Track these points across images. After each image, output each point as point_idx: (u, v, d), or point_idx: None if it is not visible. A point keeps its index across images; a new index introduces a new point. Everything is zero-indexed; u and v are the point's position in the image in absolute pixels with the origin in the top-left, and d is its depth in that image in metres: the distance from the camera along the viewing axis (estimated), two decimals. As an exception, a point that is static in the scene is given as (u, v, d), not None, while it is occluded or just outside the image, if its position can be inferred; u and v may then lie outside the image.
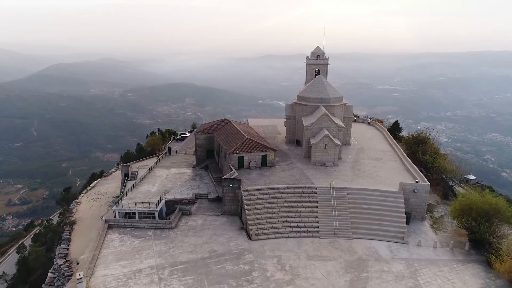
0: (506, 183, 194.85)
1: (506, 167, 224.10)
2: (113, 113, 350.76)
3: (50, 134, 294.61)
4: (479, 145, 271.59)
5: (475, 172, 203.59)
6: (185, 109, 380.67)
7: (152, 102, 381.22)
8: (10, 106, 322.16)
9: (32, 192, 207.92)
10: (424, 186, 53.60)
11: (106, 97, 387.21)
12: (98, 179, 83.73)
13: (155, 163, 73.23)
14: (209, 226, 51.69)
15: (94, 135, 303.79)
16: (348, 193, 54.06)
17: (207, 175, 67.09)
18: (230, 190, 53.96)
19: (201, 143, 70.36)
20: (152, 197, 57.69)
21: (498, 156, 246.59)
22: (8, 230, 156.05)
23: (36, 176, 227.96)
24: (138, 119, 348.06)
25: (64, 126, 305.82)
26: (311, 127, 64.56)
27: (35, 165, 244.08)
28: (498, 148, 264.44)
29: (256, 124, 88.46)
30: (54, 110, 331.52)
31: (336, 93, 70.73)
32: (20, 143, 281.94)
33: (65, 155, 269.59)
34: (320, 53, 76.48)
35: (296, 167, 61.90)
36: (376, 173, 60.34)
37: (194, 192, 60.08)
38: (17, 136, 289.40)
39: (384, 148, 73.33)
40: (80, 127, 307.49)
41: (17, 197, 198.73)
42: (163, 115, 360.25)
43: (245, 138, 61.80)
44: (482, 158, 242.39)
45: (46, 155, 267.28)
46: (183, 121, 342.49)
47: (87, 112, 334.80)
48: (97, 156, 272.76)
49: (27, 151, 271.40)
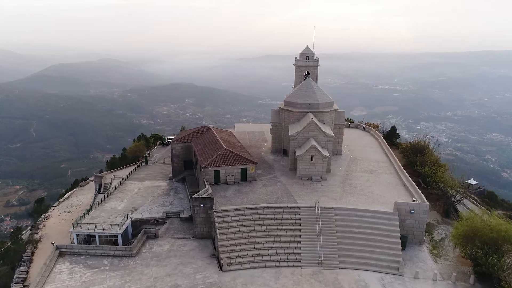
0: (506, 183, 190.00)
1: (506, 167, 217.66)
2: (113, 113, 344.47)
3: (49, 135, 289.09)
4: (479, 145, 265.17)
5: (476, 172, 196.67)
6: (184, 110, 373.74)
7: (152, 102, 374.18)
8: (9, 106, 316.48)
9: (31, 193, 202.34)
10: (423, 206, 45.99)
11: (106, 97, 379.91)
12: (73, 189, 76.64)
13: (129, 174, 65.92)
14: (176, 253, 44.31)
15: (93, 135, 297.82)
16: (336, 214, 46.54)
17: (183, 189, 59.70)
18: (201, 210, 46.57)
19: (177, 153, 62.85)
20: (117, 216, 50.40)
21: (498, 156, 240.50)
22: (6, 231, 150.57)
23: (35, 177, 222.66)
24: (138, 119, 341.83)
25: (63, 127, 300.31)
26: (296, 137, 56.95)
27: (34, 166, 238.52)
28: (498, 148, 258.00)
29: (242, 130, 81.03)
30: (54, 110, 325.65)
31: (326, 97, 63.04)
32: (19, 144, 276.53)
33: (64, 156, 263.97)
34: (309, 54, 68.53)
35: (279, 182, 54.34)
36: (369, 188, 52.73)
37: (166, 210, 52.75)
38: (16, 136, 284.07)
39: (378, 158, 65.60)
40: (80, 127, 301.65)
41: (15, 198, 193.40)
42: (163, 116, 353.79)
43: (223, 149, 54.34)
44: (482, 158, 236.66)
45: (45, 156, 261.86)
46: (182, 122, 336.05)
47: (86, 112, 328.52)
48: (96, 157, 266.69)
49: (26, 151, 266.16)
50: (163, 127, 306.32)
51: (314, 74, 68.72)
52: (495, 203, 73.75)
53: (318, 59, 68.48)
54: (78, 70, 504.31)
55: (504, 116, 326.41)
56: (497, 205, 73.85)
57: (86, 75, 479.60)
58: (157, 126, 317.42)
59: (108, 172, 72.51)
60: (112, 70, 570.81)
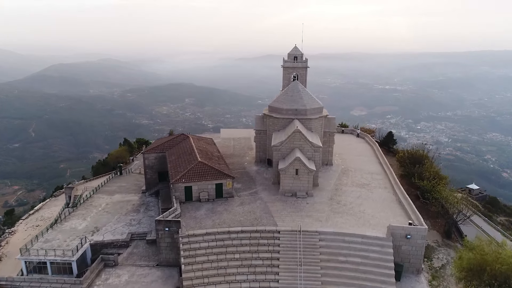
0: (506, 184, 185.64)
1: (506, 167, 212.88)
2: (112, 113, 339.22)
3: (49, 135, 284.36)
4: (479, 145, 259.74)
5: (476, 172, 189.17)
6: (184, 110, 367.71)
7: (152, 102, 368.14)
8: (8, 106, 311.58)
9: (29, 194, 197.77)
10: (420, 231, 39.03)
11: (106, 97, 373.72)
12: (46, 200, 70.18)
13: (99, 186, 59.19)
14: (135, 286, 37.56)
15: (92, 135, 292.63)
16: (321, 239, 39.64)
17: (156, 204, 52.90)
18: (167, 234, 39.80)
19: (151, 164, 55.95)
20: (76, 238, 43.72)
21: (499, 156, 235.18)
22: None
23: (33, 177, 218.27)
24: (137, 119, 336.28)
25: (62, 127, 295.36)
26: (280, 147, 49.97)
27: (33, 166, 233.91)
28: (498, 148, 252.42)
29: (228, 136, 74.10)
30: (53, 110, 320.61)
31: (314, 103, 56.00)
32: (18, 144, 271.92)
33: (63, 156, 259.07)
34: (298, 54, 61.15)
35: (259, 199, 47.37)
36: (360, 207, 45.75)
37: (132, 230, 45.99)
38: (15, 136, 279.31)
39: (373, 169, 58.48)
40: (79, 127, 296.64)
41: (13, 199, 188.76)
42: (162, 116, 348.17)
43: (196, 161, 47.47)
44: (482, 158, 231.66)
45: (44, 156, 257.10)
46: (182, 121, 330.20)
47: (86, 112, 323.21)
48: (95, 157, 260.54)
49: (25, 152, 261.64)
50: (163, 127, 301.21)
51: (303, 76, 61.42)
52: (497, 209, 69.95)
53: (307, 60, 61.10)
54: (77, 70, 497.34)
55: (504, 116, 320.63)
56: (499, 211, 69.95)
57: (85, 75, 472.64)
58: (156, 126, 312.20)
59: (81, 183, 65.79)
60: (112, 70, 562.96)
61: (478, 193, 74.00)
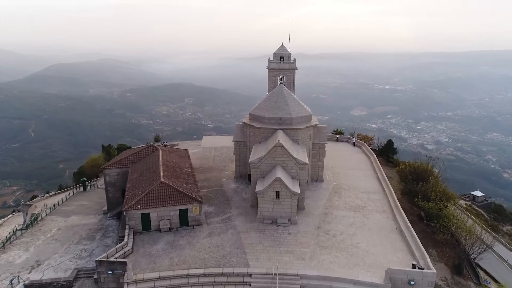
0: (507, 184, 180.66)
1: (507, 168, 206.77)
2: (112, 113, 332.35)
3: (48, 135, 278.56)
4: (480, 145, 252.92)
5: (476, 172, 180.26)
6: (184, 109, 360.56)
7: (151, 102, 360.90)
8: (8, 106, 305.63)
9: (28, 194, 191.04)
10: (427, 276, 30.23)
11: (105, 97, 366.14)
12: (9, 215, 61.92)
13: (56, 204, 50.59)
14: None
15: (92, 135, 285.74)
16: (302, 285, 30.90)
17: (116, 228, 44.20)
18: (110, 278, 31.21)
19: (113, 181, 47.20)
20: (9, 276, 35.24)
21: (499, 156, 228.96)
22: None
23: (32, 178, 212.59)
24: (137, 119, 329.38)
25: (62, 127, 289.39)
26: (259, 164, 41.15)
27: (32, 166, 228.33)
28: (499, 148, 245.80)
29: (210, 145, 65.31)
30: (52, 110, 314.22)
31: (302, 110, 47.13)
32: (17, 144, 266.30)
33: (63, 156, 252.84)
34: (285, 54, 52.06)
35: (232, 228, 38.59)
36: (352, 239, 36.93)
37: (79, 265, 37.23)
38: (14, 137, 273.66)
39: (369, 187, 49.46)
40: (78, 127, 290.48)
41: (12, 199, 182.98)
42: (162, 115, 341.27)
43: (158, 182, 38.77)
44: (483, 159, 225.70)
45: (43, 156, 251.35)
46: (182, 121, 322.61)
47: (85, 112, 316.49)
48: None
49: (24, 152, 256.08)
50: (162, 127, 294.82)
51: (290, 79, 52.35)
52: (503, 217, 65.18)
53: (295, 60, 52.09)
54: (77, 70, 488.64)
55: (504, 116, 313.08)
56: (505, 219, 64.72)
57: (85, 75, 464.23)
58: (156, 126, 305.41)
59: (42, 198, 57.26)
60: (111, 70, 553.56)
61: (482, 200, 68.62)
